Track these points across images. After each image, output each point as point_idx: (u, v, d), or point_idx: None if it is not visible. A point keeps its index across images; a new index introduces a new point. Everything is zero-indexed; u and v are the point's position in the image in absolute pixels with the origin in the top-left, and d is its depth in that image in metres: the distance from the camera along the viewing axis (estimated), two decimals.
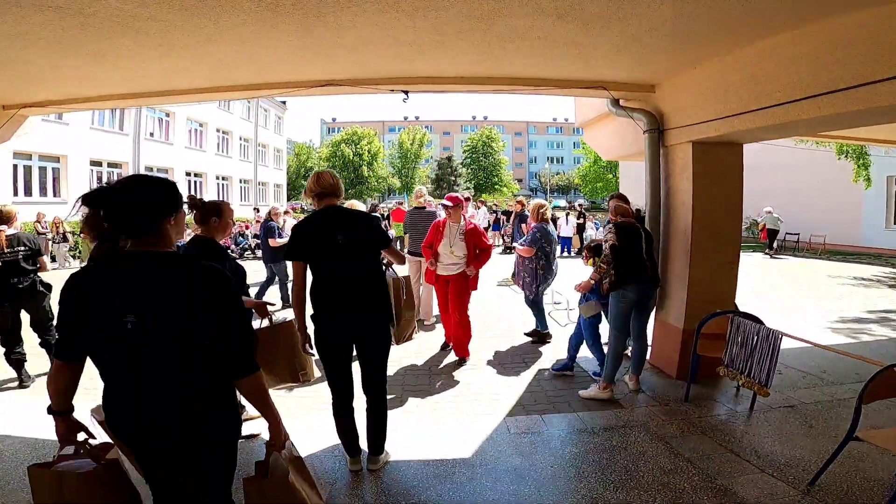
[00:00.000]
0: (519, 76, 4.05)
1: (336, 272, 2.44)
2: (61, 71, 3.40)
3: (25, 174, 15.92)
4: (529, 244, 5.19)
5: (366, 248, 2.50)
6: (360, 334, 2.55)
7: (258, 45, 3.05)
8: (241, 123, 29.17)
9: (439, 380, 4.27)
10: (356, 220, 2.51)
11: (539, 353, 4.97)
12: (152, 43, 2.92)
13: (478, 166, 47.62)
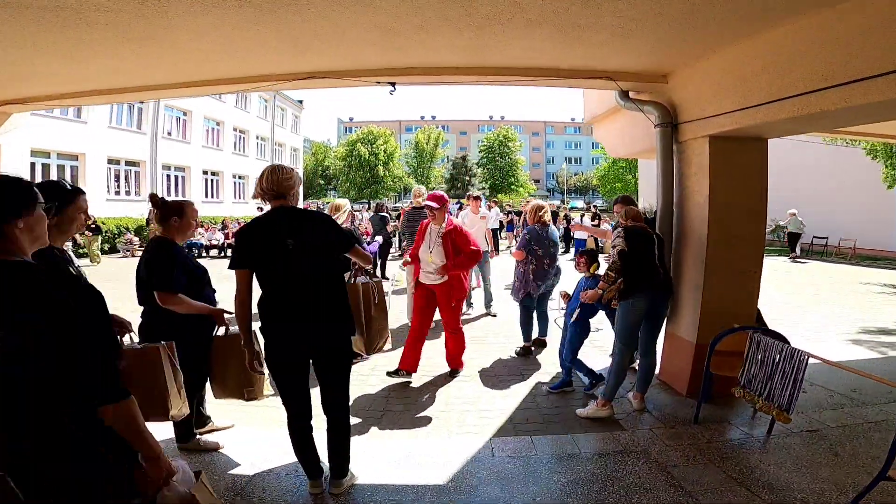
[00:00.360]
0: (514, 66, 3.75)
1: (286, 280, 2.19)
2: (34, 67, 3.25)
3: (44, 172, 16.17)
4: (519, 248, 4.95)
5: (321, 251, 2.23)
6: (316, 348, 2.28)
7: (228, 36, 2.85)
8: (257, 122, 29.37)
9: (427, 392, 4.00)
10: (309, 221, 2.24)
11: (538, 364, 4.65)
12: (104, 35, 2.72)
13: (494, 166, 47.19)
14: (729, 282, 3.71)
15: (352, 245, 2.37)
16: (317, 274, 2.22)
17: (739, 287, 3.76)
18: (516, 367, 4.59)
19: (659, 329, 3.69)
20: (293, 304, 2.20)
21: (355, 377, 4.22)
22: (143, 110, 19.92)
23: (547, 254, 4.81)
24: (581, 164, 62.76)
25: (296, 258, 2.16)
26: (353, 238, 2.41)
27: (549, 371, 4.48)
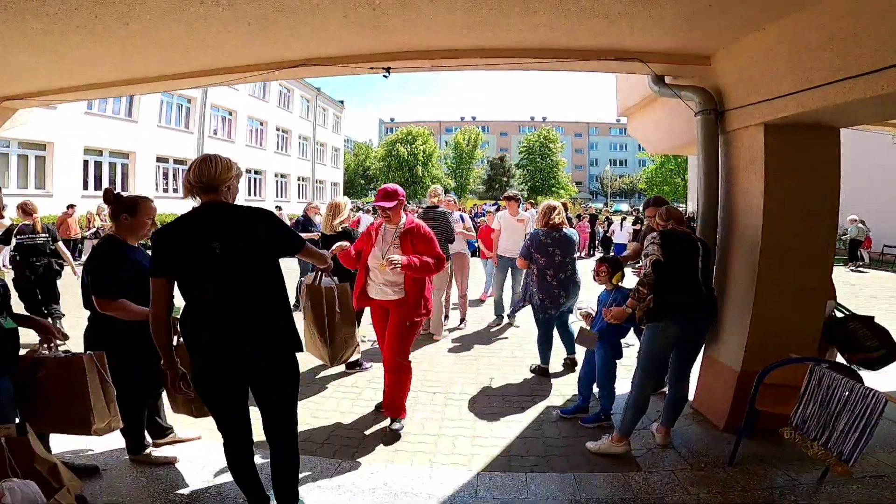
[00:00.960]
0: (520, 46, 3.28)
1: (213, 290, 1.83)
2: (21, 62, 3.13)
3: (96, 170, 16.99)
4: (520, 255, 4.38)
5: (257, 253, 1.87)
6: (251, 371, 1.92)
7: (192, 24, 2.60)
8: (299, 122, 29.97)
9: (423, 410, 3.59)
10: (239, 219, 1.86)
11: (552, 387, 4.13)
12: (71, 25, 2.53)
13: (534, 168, 46.19)
14: (786, 301, 3.08)
15: (299, 246, 2.01)
16: (250, 282, 1.86)
17: (799, 308, 3.11)
18: (527, 387, 4.10)
19: (696, 356, 3.12)
20: (222, 319, 1.84)
21: (349, 389, 3.97)
22: (191, 110, 20.65)
23: (551, 263, 4.14)
24: (626, 167, 60.51)
25: (225, 264, 1.81)
26: (298, 237, 2.03)
27: (564, 393, 3.97)
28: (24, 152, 14.40)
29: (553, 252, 4.16)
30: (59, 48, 2.86)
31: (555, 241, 4.17)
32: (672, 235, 2.89)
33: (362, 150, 52.67)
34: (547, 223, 4.23)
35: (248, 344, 1.86)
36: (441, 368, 4.51)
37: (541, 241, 4.17)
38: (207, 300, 1.84)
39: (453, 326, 6.00)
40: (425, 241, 3.11)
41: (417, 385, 4.03)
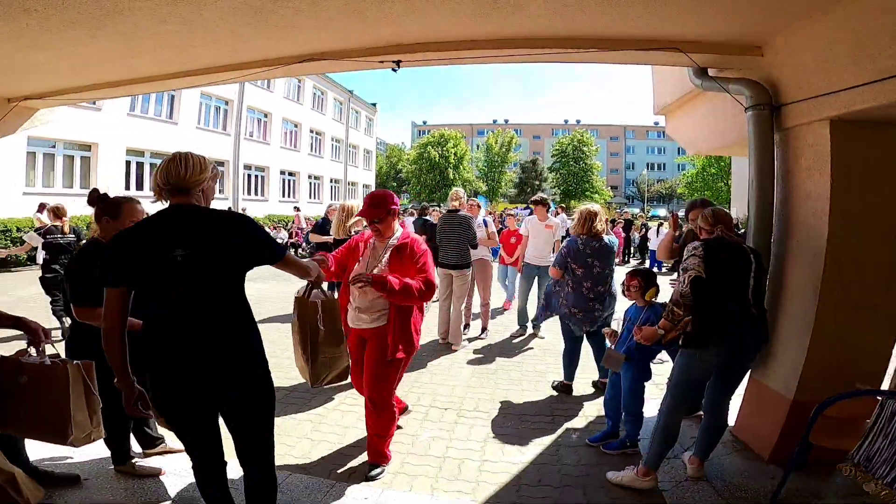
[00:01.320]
0: (547, 35, 2.99)
1: (174, 305, 1.64)
2: (27, 60, 3.10)
3: (138, 170, 17.61)
4: (554, 264, 3.97)
5: (231, 259, 1.67)
6: (217, 395, 1.71)
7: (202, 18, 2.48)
8: (333, 124, 30.37)
9: (430, 430, 3.34)
10: (209, 224, 1.66)
11: (578, 405, 3.80)
12: (64, 21, 2.44)
13: (567, 171, 45.25)
14: (852, 320, 2.67)
15: (281, 255, 1.78)
16: (218, 292, 1.66)
17: (867, 329, 2.69)
18: (547, 406, 3.79)
19: (739, 383, 2.73)
20: (181, 336, 1.65)
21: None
22: (228, 112, 21.17)
23: (589, 275, 3.77)
24: (665, 171, 58.51)
25: (188, 275, 1.61)
26: (279, 245, 1.82)
27: (588, 414, 3.64)
28: (70, 153, 15.03)
29: (592, 263, 3.76)
30: (58, 44, 2.80)
31: (595, 250, 3.76)
32: (718, 245, 2.49)
33: (394, 153, 53.06)
34: (588, 230, 3.81)
35: (213, 360, 1.66)
36: (456, 382, 4.25)
37: (579, 251, 3.77)
38: (164, 315, 1.65)
39: (474, 336, 5.73)
40: (417, 261, 2.57)
41: (428, 400, 3.80)
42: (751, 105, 3.15)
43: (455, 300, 5.27)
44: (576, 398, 3.95)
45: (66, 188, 14.69)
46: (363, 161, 36.00)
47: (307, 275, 2.02)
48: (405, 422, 3.39)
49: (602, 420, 3.41)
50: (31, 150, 13.57)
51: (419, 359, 4.85)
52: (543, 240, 5.73)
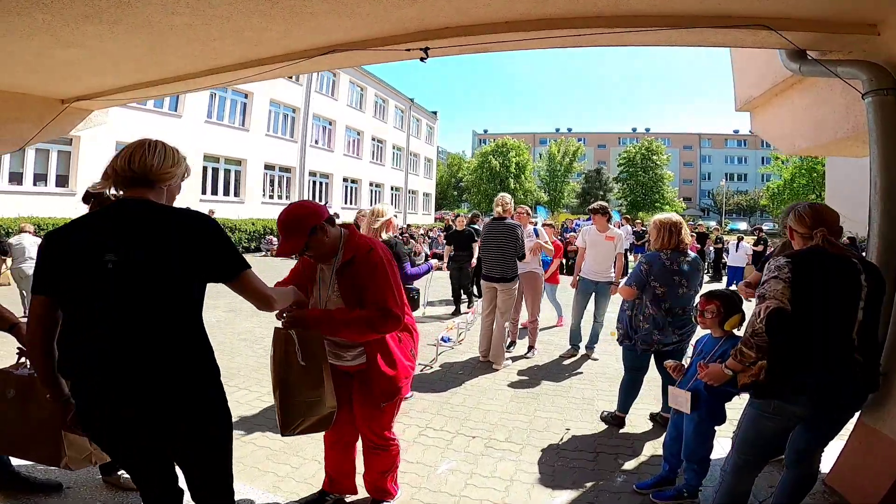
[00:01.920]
0: (595, 12, 2.53)
1: (94, 328, 1.32)
2: (62, 59, 3.12)
3: (213, 175, 18.71)
4: (629, 281, 3.35)
5: (168, 274, 1.34)
6: (151, 427, 1.40)
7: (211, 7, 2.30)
8: (394, 132, 30.91)
9: (451, 460, 2.92)
10: (160, 224, 1.36)
11: (626, 444, 3.23)
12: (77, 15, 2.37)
13: (635, 181, 43.01)
14: None
15: (236, 273, 1.43)
16: (151, 322, 1.34)
17: None
18: (591, 441, 3.25)
19: (833, 437, 2.06)
20: (107, 357, 1.32)
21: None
22: (295, 119, 22.08)
23: (672, 295, 3.17)
24: (745, 182, 54.14)
25: (118, 287, 1.31)
26: (240, 262, 1.45)
27: (641, 453, 3.07)
28: None
29: (678, 282, 3.19)
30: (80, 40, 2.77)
31: (681, 267, 3.19)
32: (814, 259, 1.84)
33: (455, 161, 53.22)
34: (675, 244, 3.21)
35: (145, 400, 1.34)
36: (491, 406, 3.80)
37: (664, 268, 3.18)
38: (93, 332, 1.33)
39: (518, 355, 5.25)
40: (371, 278, 1.93)
41: (455, 425, 3.39)
42: (871, 90, 2.52)
43: (498, 316, 4.82)
44: (627, 434, 3.39)
45: None
46: (424, 169, 36.32)
47: (267, 305, 1.54)
48: (421, 452, 3.01)
49: (657, 462, 2.87)
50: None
51: (454, 377, 4.47)
52: (603, 253, 5.10)
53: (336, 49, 2.94)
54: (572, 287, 5.32)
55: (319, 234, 1.90)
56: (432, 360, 4.91)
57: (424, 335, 6.00)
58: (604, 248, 5.10)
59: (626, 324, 3.36)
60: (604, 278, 5.02)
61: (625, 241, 5.34)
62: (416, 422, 3.44)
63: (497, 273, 4.78)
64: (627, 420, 3.51)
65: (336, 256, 1.99)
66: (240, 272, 1.44)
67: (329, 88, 24.37)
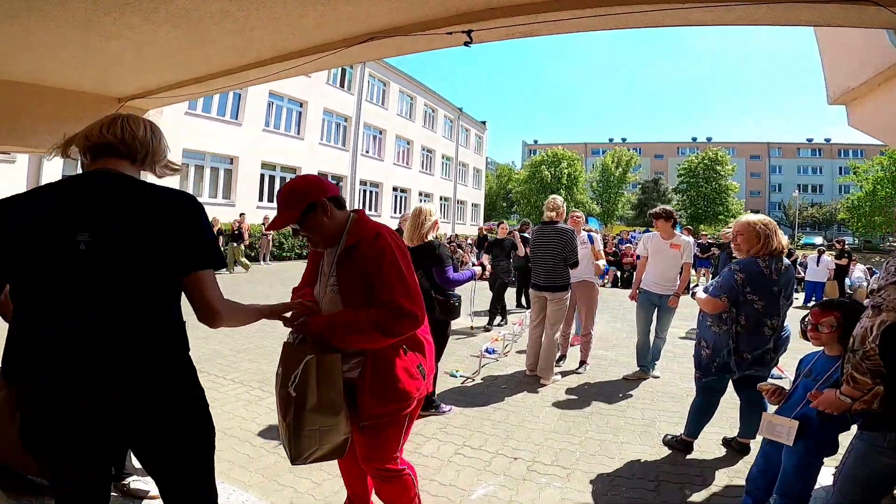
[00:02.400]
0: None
1: (64, 318, 1.14)
2: (109, 55, 3.15)
3: (270, 182, 19.41)
4: (715, 291, 2.82)
5: (142, 259, 1.17)
6: (128, 433, 1.23)
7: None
8: (443, 142, 31.00)
9: (486, 485, 2.60)
10: (142, 201, 1.20)
11: (694, 471, 2.79)
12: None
13: (696, 192, 40.75)
14: None
15: (198, 264, 1.23)
16: (132, 313, 1.17)
17: None
18: (653, 468, 2.83)
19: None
20: (74, 350, 1.14)
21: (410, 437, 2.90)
22: (347, 128, 22.62)
23: (773, 310, 2.70)
24: (821, 193, 50.05)
25: (91, 270, 1.14)
26: (208, 252, 1.25)
27: (713, 483, 2.63)
28: (216, 165, 17.02)
29: (779, 293, 2.71)
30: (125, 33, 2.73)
31: (780, 275, 2.71)
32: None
33: (505, 172, 52.76)
34: (769, 249, 2.72)
35: (101, 391, 1.16)
36: (536, 424, 3.45)
37: (762, 277, 2.70)
38: (51, 329, 1.15)
39: (569, 370, 4.84)
40: (377, 267, 1.61)
41: (495, 445, 3.08)
42: None
43: (548, 327, 4.46)
44: (696, 460, 2.95)
45: (211, 198, 16.58)
46: (473, 180, 36.19)
47: (210, 319, 1.27)
48: (455, 474, 2.71)
49: (733, 494, 2.48)
50: (185, 161, 15.55)
51: (497, 391, 4.14)
52: (667, 262, 4.55)
53: (374, 37, 2.78)
54: (631, 300, 4.84)
55: (319, 212, 1.64)
56: (474, 373, 4.60)
57: (468, 346, 5.80)
58: (668, 258, 4.55)
59: (711, 343, 2.87)
60: (667, 290, 4.51)
61: (692, 249, 4.75)
62: (452, 439, 3.15)
63: (546, 281, 4.43)
64: (696, 445, 3.08)
65: (338, 244, 1.70)
66: (202, 266, 1.23)
67: (379, 98, 24.84)
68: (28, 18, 2.49)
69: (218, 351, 4.98)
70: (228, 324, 1.32)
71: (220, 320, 1.27)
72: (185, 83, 3.81)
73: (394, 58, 16.29)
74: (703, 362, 2.92)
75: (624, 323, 7.51)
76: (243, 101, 17.24)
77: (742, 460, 2.94)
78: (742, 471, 2.79)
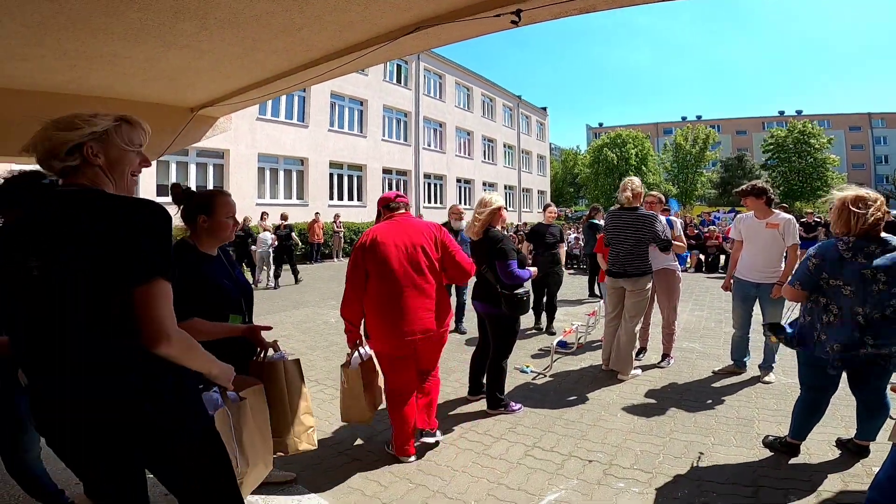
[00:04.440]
0: None
1: (25, 344, 1.16)
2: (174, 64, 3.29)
3: (338, 182, 20.06)
4: (792, 281, 2.59)
5: (90, 284, 1.10)
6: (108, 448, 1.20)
7: None
8: (504, 130, 30.43)
9: (560, 489, 2.40)
10: (82, 216, 1.12)
11: (801, 476, 2.42)
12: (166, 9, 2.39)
13: (788, 168, 36.96)
14: None
15: (143, 278, 1.11)
16: (86, 338, 1.12)
17: None
18: (750, 472, 2.49)
19: None
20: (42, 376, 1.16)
21: (480, 437, 2.88)
22: (408, 124, 22.85)
23: (866, 296, 2.33)
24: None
25: (44, 297, 1.11)
26: (154, 265, 1.13)
27: (821, 490, 2.27)
28: (289, 167, 17.86)
29: (870, 277, 2.33)
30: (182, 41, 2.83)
31: (874, 259, 2.33)
32: None
33: (570, 157, 51.01)
34: (858, 227, 2.37)
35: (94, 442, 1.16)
36: (614, 424, 3.19)
37: (842, 261, 2.38)
38: (21, 346, 1.17)
39: (650, 363, 4.46)
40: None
41: (568, 446, 2.87)
42: None
43: (627, 319, 4.10)
44: (802, 464, 2.59)
45: (286, 199, 17.40)
46: (537, 167, 35.30)
47: (155, 338, 1.13)
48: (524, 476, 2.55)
49: (847, 501, 2.18)
50: (260, 165, 16.46)
51: (570, 388, 3.90)
52: (763, 245, 3.91)
53: (420, 26, 2.67)
54: (724, 290, 4.30)
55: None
56: (546, 368, 4.36)
57: (539, 340, 5.55)
58: (764, 240, 3.89)
59: (800, 329, 2.58)
60: (768, 279, 3.86)
61: (793, 230, 3.98)
62: (522, 439, 2.98)
63: (621, 267, 4.10)
64: (802, 448, 2.70)
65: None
66: (150, 276, 1.11)
67: (436, 91, 24.82)
68: (82, 29, 2.58)
69: (295, 349, 5.13)
70: (176, 352, 1.16)
71: (167, 343, 1.13)
72: (245, 88, 3.92)
73: (444, 46, 16.06)
74: (799, 340, 2.63)
75: (711, 311, 6.88)
76: (307, 104, 17.90)
77: (860, 463, 2.54)
78: (859, 475, 2.43)
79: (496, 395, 3.36)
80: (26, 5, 2.29)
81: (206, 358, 1.29)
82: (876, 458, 2.55)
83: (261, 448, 1.59)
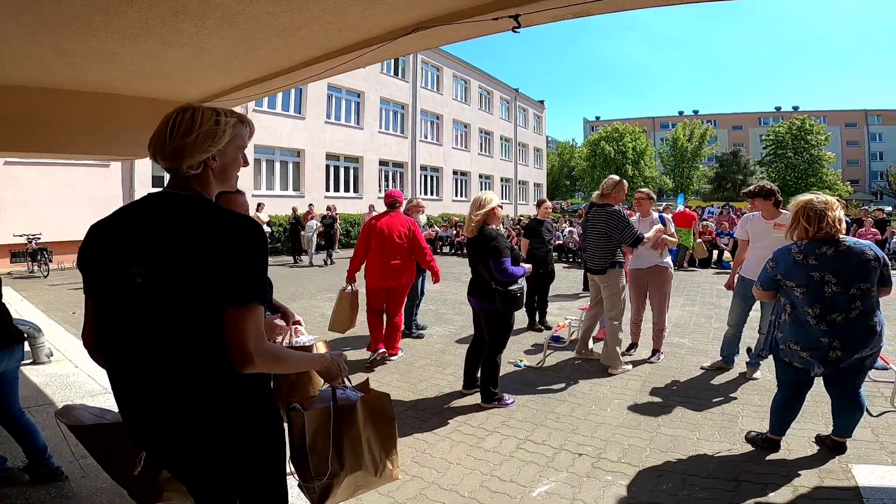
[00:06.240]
0: None
1: (133, 356, 1.14)
2: (172, 61, 3.30)
3: (335, 172, 20.03)
4: (757, 282, 2.84)
5: (189, 298, 1.08)
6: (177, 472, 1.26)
7: None
8: (501, 123, 30.37)
9: (550, 482, 2.50)
10: (190, 226, 1.10)
11: (780, 472, 2.51)
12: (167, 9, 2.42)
13: (784, 164, 37.15)
14: None
15: (244, 298, 1.08)
16: (193, 351, 1.11)
17: None
18: (732, 466, 2.60)
19: None
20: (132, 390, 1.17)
21: (474, 430, 2.98)
22: (405, 116, 22.77)
23: (816, 298, 2.45)
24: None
25: (145, 306, 1.09)
26: (252, 287, 1.11)
27: (798, 485, 2.36)
28: (285, 158, 17.80)
29: (821, 279, 2.44)
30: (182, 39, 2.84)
31: (826, 261, 2.44)
32: None
33: (566, 150, 51.03)
34: (814, 233, 2.50)
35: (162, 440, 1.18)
36: (604, 418, 3.29)
37: (795, 263, 2.53)
38: (118, 354, 1.17)
39: (640, 359, 4.56)
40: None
41: (560, 439, 2.97)
42: None
43: (607, 315, 4.26)
44: (781, 460, 2.69)
45: (283, 190, 17.39)
46: (533, 159, 35.28)
47: (242, 361, 1.09)
48: (516, 469, 2.65)
49: (823, 496, 2.26)
50: (257, 156, 16.41)
51: (563, 382, 4.00)
52: (770, 245, 3.74)
53: (419, 27, 2.70)
54: (727, 289, 4.35)
55: None
56: (539, 363, 4.47)
57: (532, 335, 5.62)
58: (771, 240, 3.83)
59: (769, 331, 2.74)
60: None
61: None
62: (514, 432, 3.07)
63: (590, 263, 4.40)
64: (783, 443, 2.81)
65: None
66: (247, 301, 1.08)
67: (434, 83, 24.70)
68: (82, 29, 2.61)
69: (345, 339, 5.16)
70: (264, 369, 1.15)
71: (251, 366, 1.10)
72: (244, 85, 3.94)
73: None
74: (765, 354, 2.89)
75: (702, 307, 7.00)
76: (304, 95, 17.81)
77: (836, 459, 2.65)
78: (835, 471, 2.53)
79: (490, 390, 3.45)
80: (28, 5, 2.31)
81: (301, 363, 1.31)
82: (852, 454, 2.66)
83: (367, 458, 1.53)
